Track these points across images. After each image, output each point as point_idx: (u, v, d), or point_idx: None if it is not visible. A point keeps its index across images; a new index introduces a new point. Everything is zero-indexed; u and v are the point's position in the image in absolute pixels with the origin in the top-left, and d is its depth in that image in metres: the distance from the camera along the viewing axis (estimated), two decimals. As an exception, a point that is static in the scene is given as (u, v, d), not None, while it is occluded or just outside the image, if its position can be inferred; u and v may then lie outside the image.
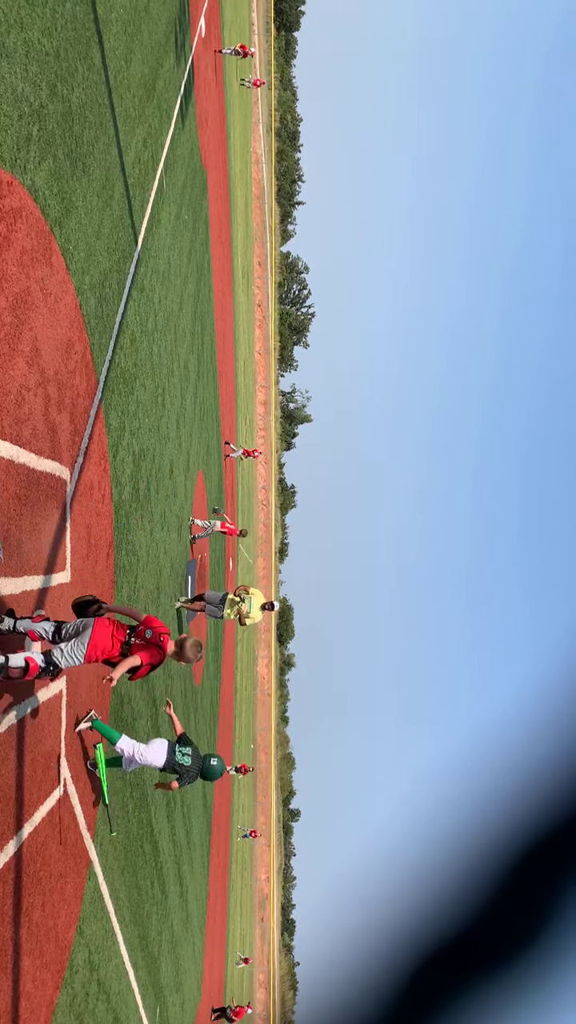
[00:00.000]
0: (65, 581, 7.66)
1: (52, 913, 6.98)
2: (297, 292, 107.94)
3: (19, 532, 6.35)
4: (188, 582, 18.48)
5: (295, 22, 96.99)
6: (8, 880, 6.00)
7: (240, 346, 46.10)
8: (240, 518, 43.37)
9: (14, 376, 6.23)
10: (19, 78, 6.59)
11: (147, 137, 13.10)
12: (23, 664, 5.90)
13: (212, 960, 25.49)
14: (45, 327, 6.98)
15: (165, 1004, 13.77)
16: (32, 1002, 6.38)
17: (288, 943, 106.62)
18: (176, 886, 15.72)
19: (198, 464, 21.49)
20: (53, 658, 6.21)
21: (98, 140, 9.18)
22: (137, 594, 11.69)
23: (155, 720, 13.27)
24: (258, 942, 67.90)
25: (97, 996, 8.43)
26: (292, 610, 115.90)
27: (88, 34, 8.82)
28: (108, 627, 6.69)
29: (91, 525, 8.82)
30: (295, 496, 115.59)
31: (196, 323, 21.13)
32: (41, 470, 6.91)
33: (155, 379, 13.54)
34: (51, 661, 6.19)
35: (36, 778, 6.69)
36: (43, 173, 7.10)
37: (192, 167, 20.08)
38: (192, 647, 7.61)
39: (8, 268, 6.18)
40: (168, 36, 15.73)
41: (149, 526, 12.85)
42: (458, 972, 1.33)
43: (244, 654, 52.85)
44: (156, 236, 13.93)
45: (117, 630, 6.76)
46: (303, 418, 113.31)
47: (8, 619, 6.06)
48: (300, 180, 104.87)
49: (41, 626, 6.36)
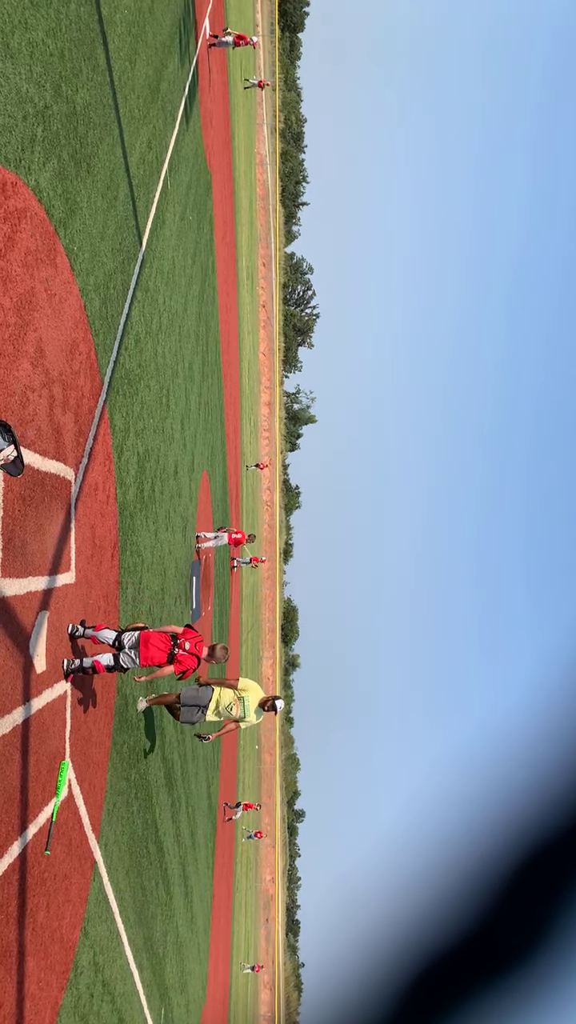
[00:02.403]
0: (70, 582, 7.66)
1: (57, 914, 6.97)
2: (301, 293, 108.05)
3: (24, 533, 6.35)
4: (192, 583, 18.49)
5: (299, 23, 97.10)
6: (13, 881, 6.00)
7: (244, 347, 46.12)
8: (245, 519, 43.39)
9: (19, 377, 6.23)
10: (23, 79, 6.59)
11: (151, 138, 13.11)
12: (91, 665, 7.68)
13: (217, 961, 25.47)
14: (49, 328, 6.98)
15: (170, 1005, 13.76)
16: (37, 1003, 6.37)
17: (293, 944, 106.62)
18: (181, 887, 15.71)
19: (203, 465, 21.50)
20: (120, 661, 8.15)
21: (102, 141, 9.18)
22: (142, 595, 11.69)
23: (159, 721, 13.26)
24: (263, 943, 67.88)
25: (102, 997, 8.42)
26: (297, 611, 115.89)
27: (92, 35, 8.83)
28: (156, 640, 8.52)
29: (96, 526, 8.82)
30: (299, 497, 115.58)
31: (200, 324, 21.13)
32: (46, 471, 6.91)
33: (159, 380, 13.54)
34: (118, 663, 8.12)
35: (41, 779, 6.68)
36: (47, 174, 7.10)
37: (196, 168, 20.09)
38: (220, 650, 9.60)
39: (13, 269, 6.18)
40: (172, 37, 15.74)
41: (154, 527, 12.85)
42: (461, 974, 1.32)
43: (249, 654, 52.87)
44: (160, 237, 13.94)
45: (164, 643, 8.60)
46: (308, 419, 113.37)
47: (80, 627, 7.73)
48: (304, 181, 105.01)
49: (103, 633, 8.02)
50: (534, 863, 1.33)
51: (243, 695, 11.30)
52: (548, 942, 1.28)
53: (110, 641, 8.14)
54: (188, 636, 8.94)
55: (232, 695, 11.31)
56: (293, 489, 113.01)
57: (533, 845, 1.34)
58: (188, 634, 8.97)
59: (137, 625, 8.81)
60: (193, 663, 8.88)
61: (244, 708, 11.21)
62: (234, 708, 11.22)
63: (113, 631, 8.26)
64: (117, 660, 8.12)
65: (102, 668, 7.84)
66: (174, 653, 8.63)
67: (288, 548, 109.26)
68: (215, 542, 20.79)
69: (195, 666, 8.94)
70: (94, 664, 7.71)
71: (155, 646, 8.51)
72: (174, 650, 8.64)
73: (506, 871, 1.34)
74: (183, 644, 8.76)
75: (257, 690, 11.48)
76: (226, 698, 11.31)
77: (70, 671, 7.49)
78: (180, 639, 8.80)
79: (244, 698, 11.29)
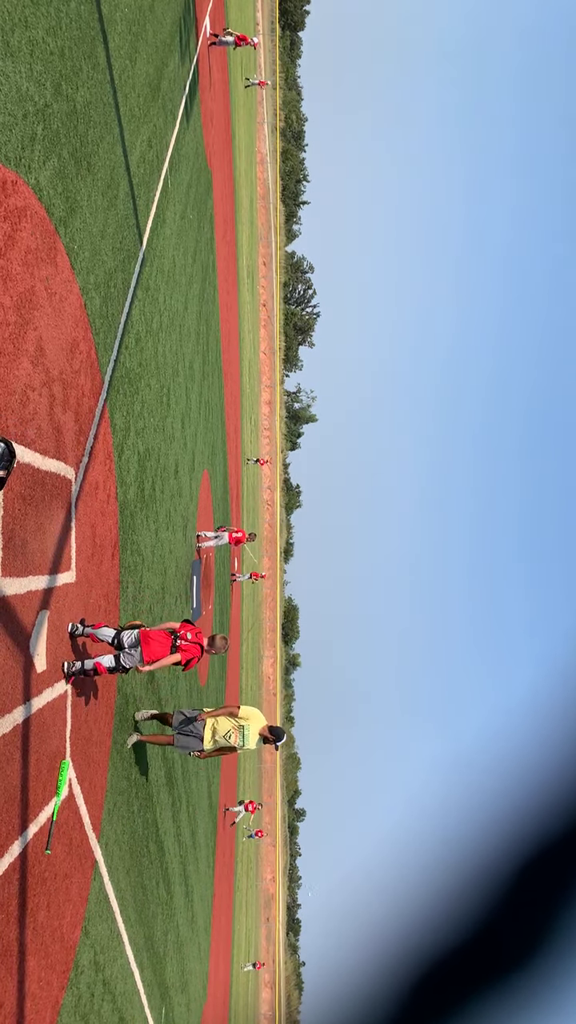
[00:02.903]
0: (70, 581, 7.65)
1: (57, 914, 6.97)
2: (302, 292, 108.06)
3: (24, 532, 6.34)
4: (193, 582, 18.49)
5: (300, 22, 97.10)
6: (13, 881, 5.99)
7: (245, 346, 46.11)
8: (245, 518, 43.39)
9: (19, 376, 6.22)
10: (24, 77, 6.58)
11: (152, 136, 13.09)
12: (92, 667, 7.63)
13: (218, 960, 25.48)
14: (50, 327, 6.97)
15: (171, 1004, 13.76)
16: (37, 1003, 6.37)
17: (293, 943, 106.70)
18: (182, 886, 15.71)
19: (203, 464, 21.49)
20: (121, 662, 8.11)
21: (103, 139, 9.17)
22: (142, 594, 11.68)
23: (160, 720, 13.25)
24: (264, 942, 67.93)
25: (103, 997, 8.42)
26: (297, 610, 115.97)
27: (93, 33, 8.81)
28: (156, 636, 8.54)
29: (96, 525, 8.82)
30: (300, 496, 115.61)
31: (201, 323, 21.12)
32: (46, 470, 6.90)
33: (160, 379, 13.53)
34: (120, 663, 8.09)
35: (41, 778, 6.67)
36: (48, 172, 7.09)
37: (197, 167, 20.07)
38: (220, 641, 9.57)
39: (13, 267, 6.17)
40: (173, 36, 15.73)
41: (154, 526, 12.84)
42: (463, 974, 1.31)
43: (249, 653, 52.88)
44: (161, 236, 13.92)
45: (164, 638, 8.61)
46: (308, 418, 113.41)
47: (80, 626, 7.70)
48: (305, 180, 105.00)
49: (102, 631, 8.00)
50: (536, 863, 1.32)
51: (244, 723, 10.57)
52: (549, 943, 1.27)
53: (109, 639, 8.13)
54: (187, 628, 9.02)
55: (231, 723, 10.58)
56: (294, 488, 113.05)
57: (535, 845, 1.33)
58: (186, 627, 9.04)
59: (134, 624, 8.80)
60: (197, 652, 8.93)
61: (244, 737, 10.54)
62: (232, 736, 10.52)
63: (112, 629, 8.26)
64: (118, 661, 8.13)
65: (103, 670, 7.83)
66: (176, 644, 8.71)
67: (289, 547, 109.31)
68: (216, 541, 20.79)
69: (199, 655, 9.00)
70: (95, 666, 7.70)
71: (156, 640, 8.54)
72: (176, 642, 8.71)
73: (508, 871, 1.33)
74: (184, 635, 8.84)
75: (260, 719, 10.73)
76: (224, 726, 10.56)
77: (71, 674, 7.45)
78: (180, 632, 8.90)
79: (245, 727, 10.56)
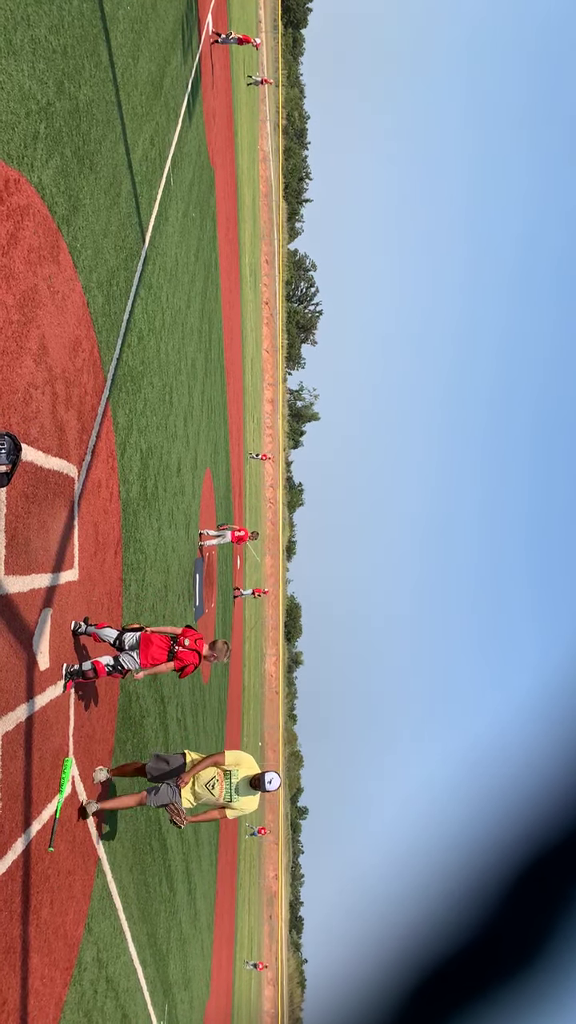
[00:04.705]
0: (73, 579, 7.67)
1: (60, 911, 6.99)
2: (304, 290, 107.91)
3: (27, 530, 6.35)
4: (196, 580, 18.50)
5: (302, 19, 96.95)
6: (17, 878, 6.01)
7: (247, 344, 46.10)
8: (248, 516, 43.39)
9: (22, 374, 6.22)
10: (26, 75, 6.58)
11: (154, 135, 13.09)
12: (92, 668, 7.62)
13: (220, 958, 25.53)
14: (52, 325, 6.98)
15: (174, 1001, 13.79)
16: (41, 999, 6.39)
17: (296, 940, 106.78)
18: (184, 884, 15.74)
19: (206, 462, 21.50)
20: (120, 662, 8.09)
21: (105, 138, 9.17)
22: (145, 592, 11.70)
23: (163, 718, 13.28)
24: (266, 940, 68.02)
25: (106, 993, 8.44)
26: (300, 608, 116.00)
27: (95, 31, 8.81)
28: (157, 640, 8.54)
29: (99, 523, 8.83)
30: (303, 494, 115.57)
31: (203, 321, 21.12)
32: (49, 468, 6.91)
33: (163, 377, 13.54)
34: (119, 664, 8.06)
35: (44, 776, 6.69)
36: (50, 171, 7.09)
37: (199, 165, 20.07)
38: (221, 647, 9.18)
39: (15, 266, 6.18)
40: (175, 34, 15.72)
41: (157, 524, 12.85)
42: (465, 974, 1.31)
43: (252, 652, 52.90)
44: (163, 234, 13.92)
45: (163, 642, 8.59)
46: (311, 416, 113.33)
47: (83, 624, 7.79)
48: (307, 178, 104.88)
49: (104, 631, 8.03)
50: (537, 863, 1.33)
51: (231, 770, 8.66)
52: (550, 943, 1.28)
53: (111, 640, 8.13)
54: (188, 634, 8.97)
55: (215, 771, 8.70)
56: (296, 486, 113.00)
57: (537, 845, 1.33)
58: (188, 633, 9.00)
59: (136, 626, 8.80)
60: (194, 659, 8.87)
61: (229, 788, 8.60)
62: (216, 786, 8.60)
63: (115, 630, 8.26)
64: (118, 661, 8.13)
65: (103, 671, 7.83)
66: (174, 650, 8.66)
67: (291, 545, 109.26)
68: (218, 539, 20.80)
69: (196, 662, 8.92)
70: (95, 667, 7.69)
71: (156, 645, 8.52)
72: (174, 648, 8.66)
73: (509, 872, 1.33)
74: (182, 641, 8.78)
75: (252, 765, 8.79)
76: (205, 775, 8.65)
77: (70, 675, 7.45)
78: (180, 637, 8.85)
79: (231, 773, 8.64)
